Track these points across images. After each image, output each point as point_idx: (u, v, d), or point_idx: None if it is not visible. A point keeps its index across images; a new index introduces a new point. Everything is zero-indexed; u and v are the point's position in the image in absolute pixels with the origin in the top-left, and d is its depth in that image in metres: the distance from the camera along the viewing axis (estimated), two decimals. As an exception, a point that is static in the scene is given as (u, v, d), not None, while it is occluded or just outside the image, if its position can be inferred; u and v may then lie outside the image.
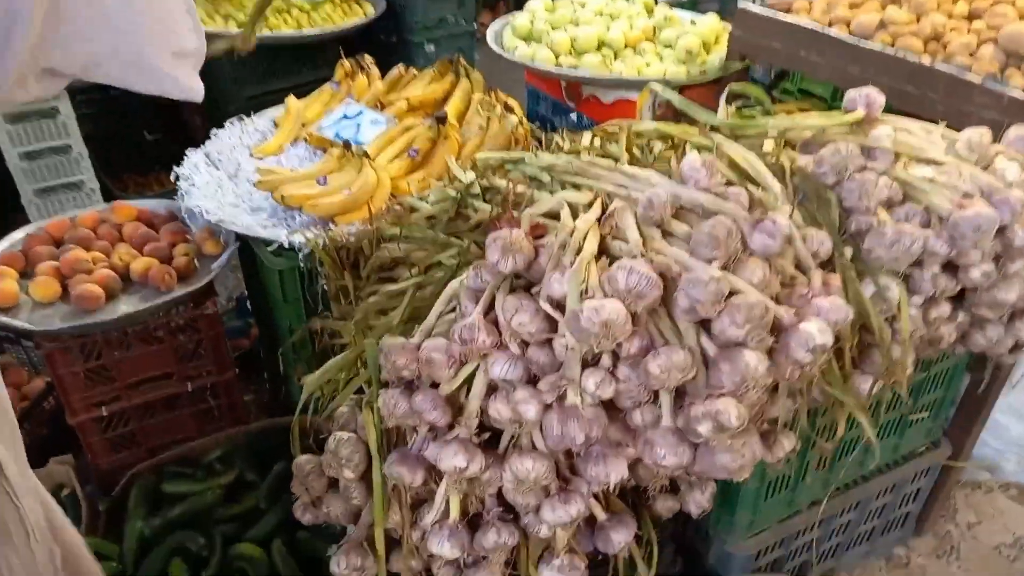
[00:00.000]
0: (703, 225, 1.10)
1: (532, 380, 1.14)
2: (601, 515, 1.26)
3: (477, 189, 1.53)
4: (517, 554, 1.25)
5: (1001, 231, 1.27)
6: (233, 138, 2.46)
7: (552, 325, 1.10)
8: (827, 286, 1.20)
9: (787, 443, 1.32)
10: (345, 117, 2.44)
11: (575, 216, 1.22)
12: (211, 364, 2.06)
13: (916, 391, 1.71)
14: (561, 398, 1.08)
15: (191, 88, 1.08)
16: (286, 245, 1.92)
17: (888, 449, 1.76)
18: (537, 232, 1.25)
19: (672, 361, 1.01)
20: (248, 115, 2.55)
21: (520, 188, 1.40)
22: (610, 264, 1.12)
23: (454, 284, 1.26)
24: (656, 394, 1.09)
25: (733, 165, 1.33)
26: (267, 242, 1.93)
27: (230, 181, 2.30)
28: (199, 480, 1.88)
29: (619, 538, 1.24)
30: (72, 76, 0.98)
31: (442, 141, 2.25)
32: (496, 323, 1.15)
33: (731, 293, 1.06)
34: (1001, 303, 1.37)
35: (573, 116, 2.81)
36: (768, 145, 1.45)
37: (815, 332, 1.03)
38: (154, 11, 0.99)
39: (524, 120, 2.20)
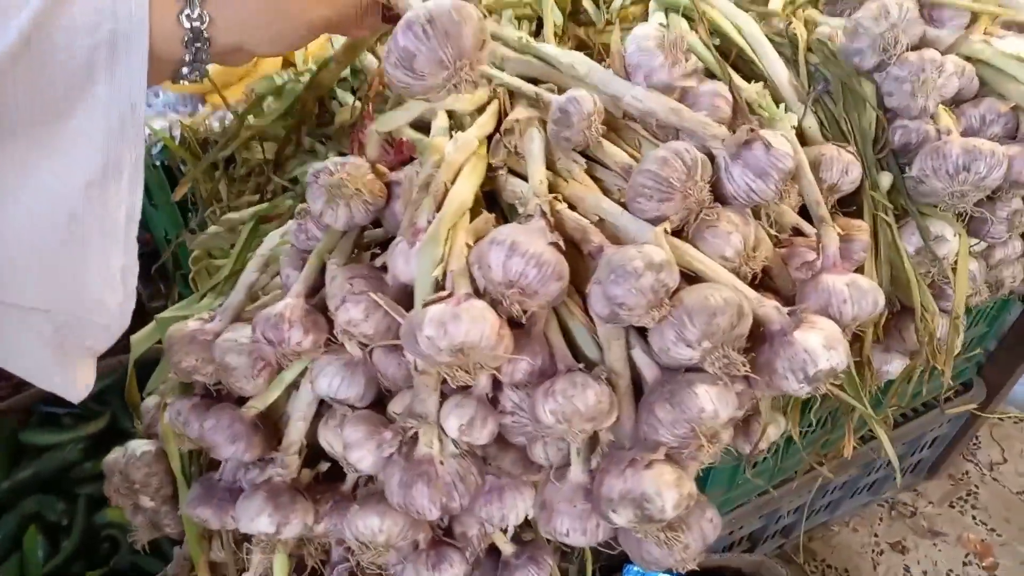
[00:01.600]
0: (646, 159, 0.66)
1: (382, 398, 0.75)
2: (506, 549, 0.91)
3: (348, 70, 1.06)
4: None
5: (1125, 140, 0.81)
6: (94, -20, 1.91)
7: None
8: (849, 240, 0.77)
9: (773, 432, 0.94)
10: (234, -51, 1.87)
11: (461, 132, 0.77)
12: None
13: (952, 331, 1.31)
14: (413, 440, 0.69)
15: (73, 386, 0.64)
16: (137, 135, 1.46)
17: (901, 399, 1.39)
18: (400, 159, 0.81)
19: (574, 406, 0.61)
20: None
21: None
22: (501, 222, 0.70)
23: (272, 238, 0.83)
24: (564, 427, 0.70)
25: (721, 37, 0.85)
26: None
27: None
28: (62, 429, 1.55)
29: (527, 584, 0.89)
30: None
31: (354, -17, 1.71)
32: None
33: (687, 276, 0.63)
34: (1099, 239, 0.93)
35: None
36: (777, 3, 0.95)
37: (818, 350, 0.62)
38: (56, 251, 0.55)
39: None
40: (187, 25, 0.53)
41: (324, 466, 0.81)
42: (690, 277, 0.65)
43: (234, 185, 1.33)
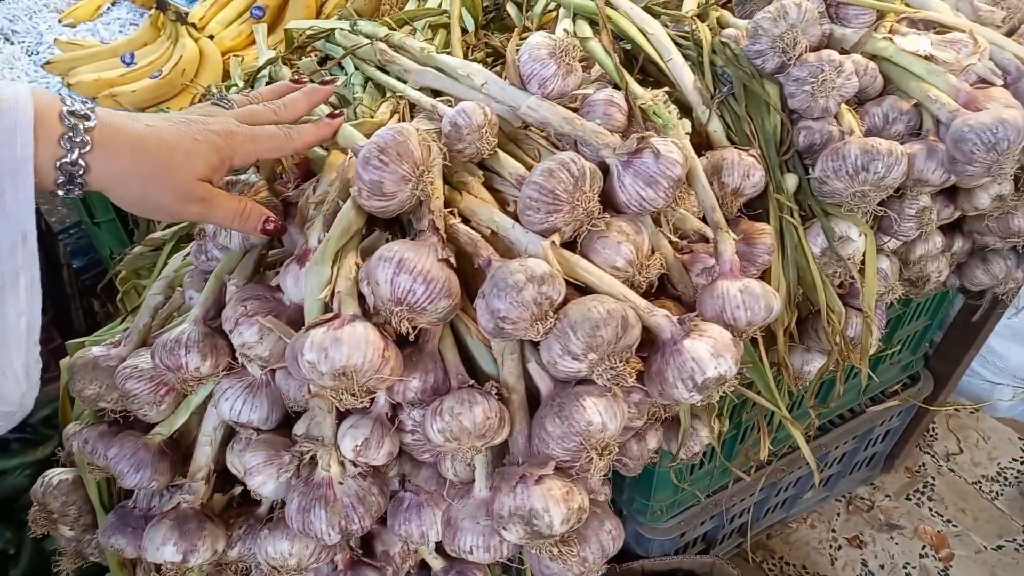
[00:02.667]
0: (533, 171, 0.65)
1: (292, 419, 0.74)
2: (435, 564, 0.90)
3: (265, 82, 1.05)
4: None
5: (1031, 133, 0.81)
6: (34, -2, 1.90)
7: (296, 343, 0.68)
8: (752, 243, 0.76)
9: (703, 433, 0.94)
10: (175, -37, 1.86)
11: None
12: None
13: (892, 326, 1.31)
14: (312, 463, 0.68)
15: None
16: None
17: (851, 392, 1.40)
18: (303, 175, 0.80)
19: (461, 424, 0.60)
20: (55, -36, 1.96)
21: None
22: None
23: (176, 259, 0.82)
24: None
25: (629, 41, 0.84)
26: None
27: (28, 59, 1.78)
28: (9, 455, 1.53)
29: (455, 600, 0.89)
30: None
31: (294, -7, 1.70)
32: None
33: (580, 289, 0.63)
34: (1017, 231, 0.94)
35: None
36: (691, 4, 0.95)
37: (706, 359, 0.62)
38: None
39: (396, -40, 1.63)
40: (64, 173, 0.58)
41: (238, 489, 0.80)
42: (584, 289, 0.65)
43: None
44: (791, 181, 0.81)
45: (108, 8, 1.87)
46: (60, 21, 1.85)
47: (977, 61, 0.79)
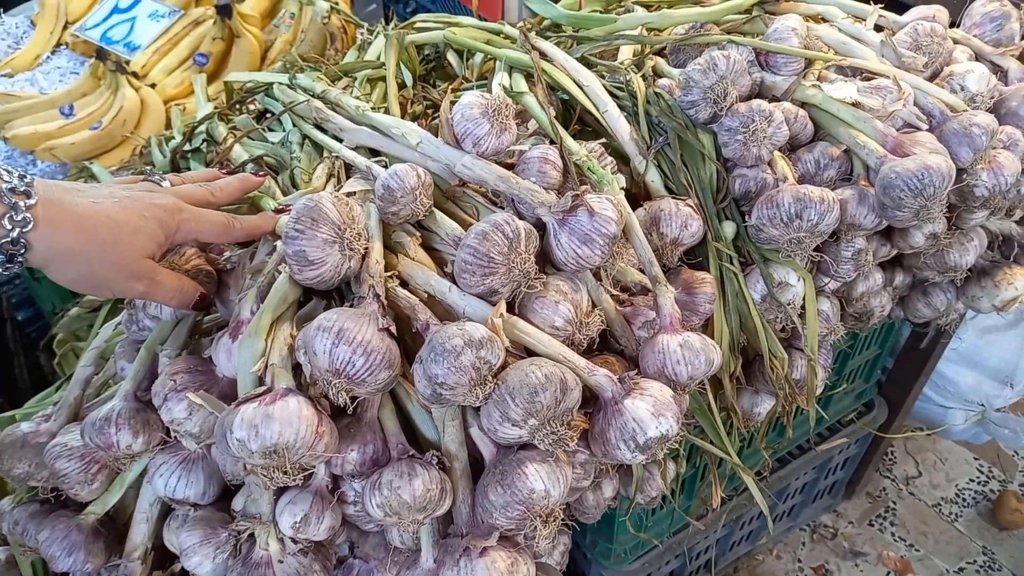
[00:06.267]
0: (468, 233, 0.65)
1: (227, 493, 0.72)
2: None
3: (203, 138, 1.03)
4: None
5: (959, 174, 0.83)
6: (-29, 49, 1.86)
7: (231, 417, 0.66)
8: (693, 293, 0.77)
9: (660, 478, 0.94)
10: (117, 10, 1.84)
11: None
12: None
13: (843, 357, 1.33)
14: (251, 540, 0.66)
15: None
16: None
17: (806, 426, 1.40)
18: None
19: (401, 499, 0.59)
20: (-8, 14, 1.93)
21: (237, 148, 0.91)
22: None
23: (107, 329, 0.80)
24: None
25: (566, 93, 0.85)
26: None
27: (-35, 113, 1.73)
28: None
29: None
30: None
31: (237, 40, 1.69)
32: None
33: (522, 353, 0.62)
34: (954, 266, 0.96)
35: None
36: (627, 53, 0.96)
37: (647, 419, 0.61)
38: None
39: (340, 5, 1.63)
40: (3, 252, 0.57)
41: (178, 566, 0.77)
42: (520, 354, 0.64)
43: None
44: (729, 229, 0.82)
45: (48, 57, 1.84)
46: (-2, 71, 1.81)
47: (902, 106, 0.81)
